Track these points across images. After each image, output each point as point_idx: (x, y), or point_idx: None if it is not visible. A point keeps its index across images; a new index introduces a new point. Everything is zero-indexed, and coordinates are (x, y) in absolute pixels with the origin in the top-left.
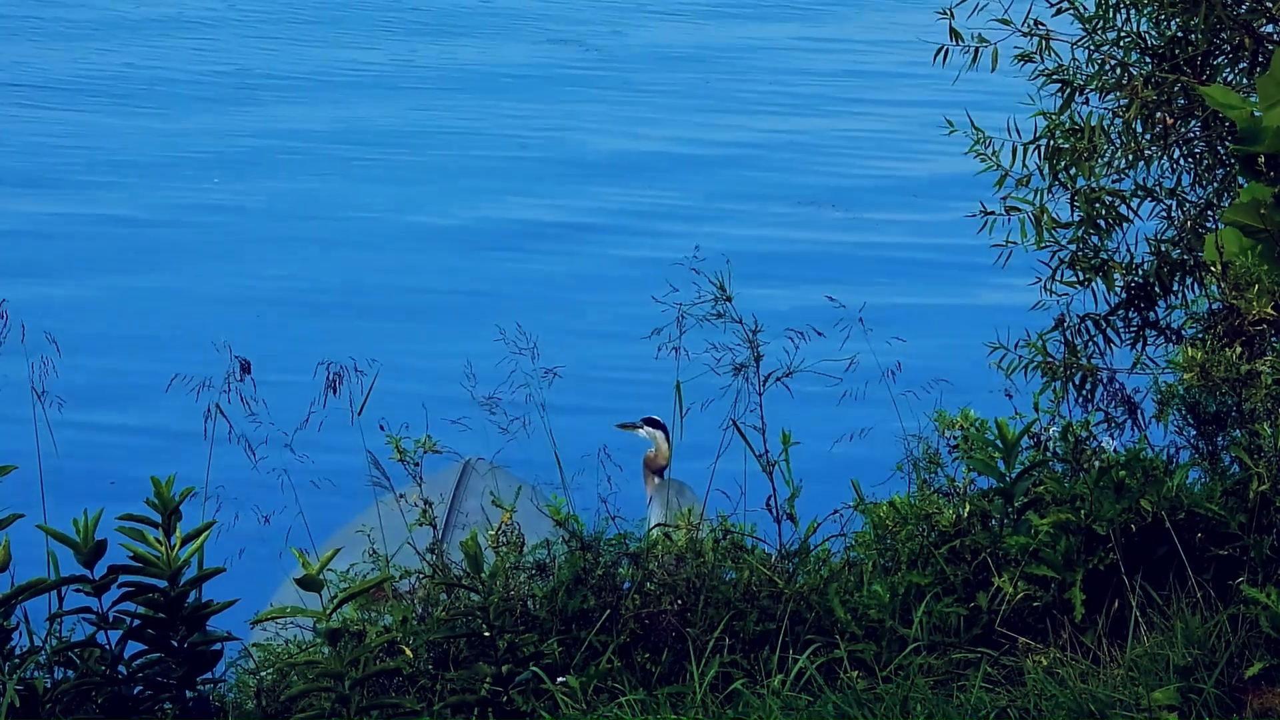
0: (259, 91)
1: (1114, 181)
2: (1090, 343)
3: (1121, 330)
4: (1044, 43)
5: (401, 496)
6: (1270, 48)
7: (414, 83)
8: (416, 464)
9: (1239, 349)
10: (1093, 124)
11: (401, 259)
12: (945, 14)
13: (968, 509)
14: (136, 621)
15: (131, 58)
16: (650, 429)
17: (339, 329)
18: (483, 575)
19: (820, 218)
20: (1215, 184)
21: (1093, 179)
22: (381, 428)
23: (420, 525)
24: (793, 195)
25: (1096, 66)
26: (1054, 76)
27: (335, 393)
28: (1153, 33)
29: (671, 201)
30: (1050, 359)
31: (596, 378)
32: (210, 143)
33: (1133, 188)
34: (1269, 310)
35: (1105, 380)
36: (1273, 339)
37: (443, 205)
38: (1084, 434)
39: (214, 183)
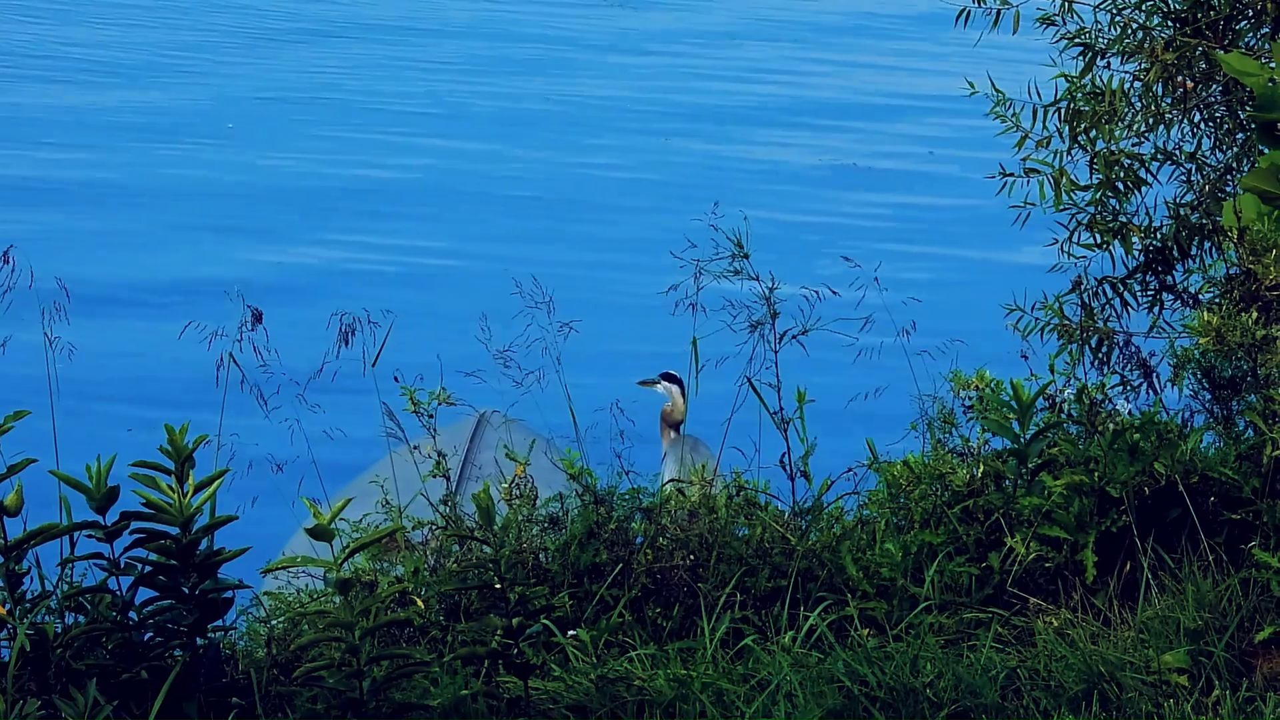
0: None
1: (1134, 145)
2: (1107, 306)
3: (1139, 294)
4: (1066, 5)
5: (415, 448)
6: None
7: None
8: (431, 416)
9: (1255, 314)
10: (1113, 87)
11: (416, 212)
12: None
13: (981, 469)
14: (148, 568)
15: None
16: (667, 383)
17: (354, 280)
18: (495, 528)
19: (839, 177)
20: (1235, 149)
21: (1112, 142)
22: (396, 379)
23: (434, 477)
24: (813, 153)
25: (1118, 30)
26: (1076, 40)
27: (348, 344)
28: None
29: (690, 157)
30: (1067, 321)
31: (612, 332)
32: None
33: (1152, 151)
34: None
35: (1121, 343)
36: None
37: (459, 157)
38: (1099, 396)
39: (228, 127)
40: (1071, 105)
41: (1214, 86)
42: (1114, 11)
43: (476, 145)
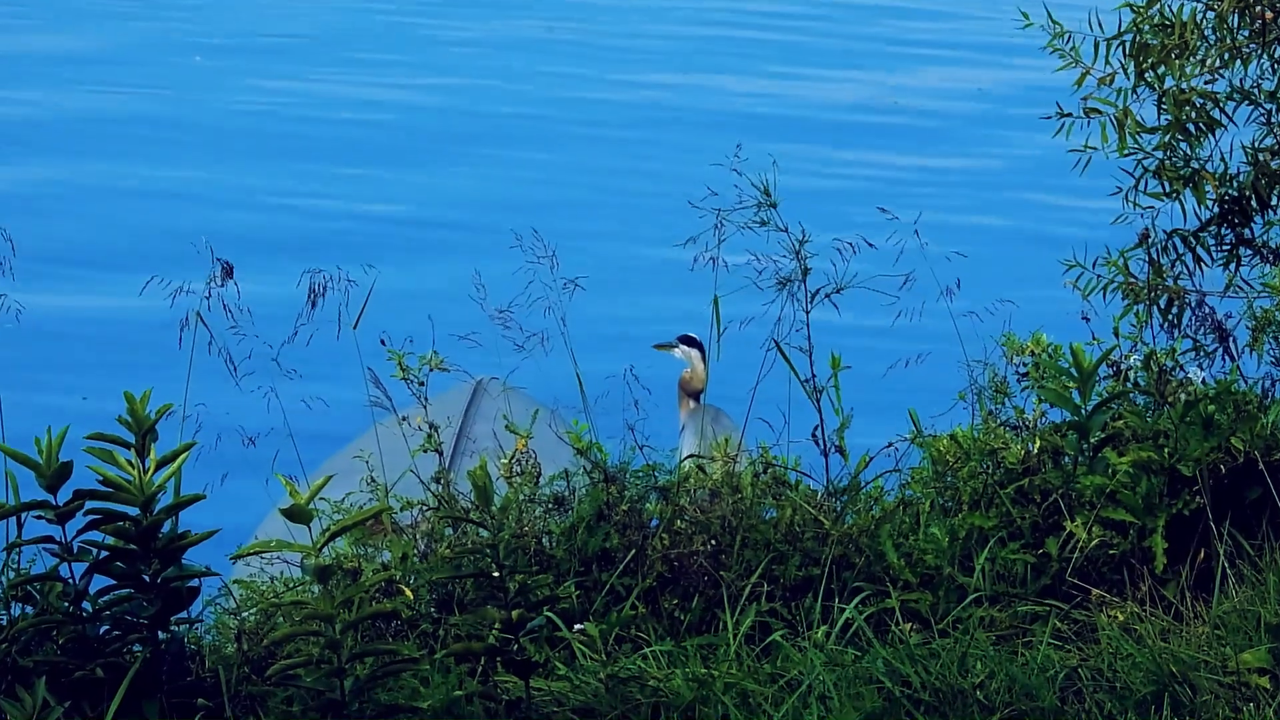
0: None
1: (1206, 83)
2: (1178, 262)
3: (1213, 248)
4: None
5: (404, 419)
6: None
7: None
8: (421, 383)
9: None
10: (1184, 19)
11: (408, 159)
12: None
13: (1038, 445)
14: (104, 553)
15: None
16: (686, 347)
17: (336, 232)
18: (493, 509)
19: (875, 120)
20: None
21: (1183, 79)
22: (383, 342)
23: (424, 451)
24: (846, 92)
25: None
26: None
27: (314, 306)
28: None
29: (708, 94)
30: (1132, 279)
31: (624, 290)
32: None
33: (1228, 90)
34: None
35: (1194, 304)
36: None
37: (451, 97)
38: (1169, 363)
39: (195, 60)
40: (1137, 38)
41: None
42: None
43: (466, 81)
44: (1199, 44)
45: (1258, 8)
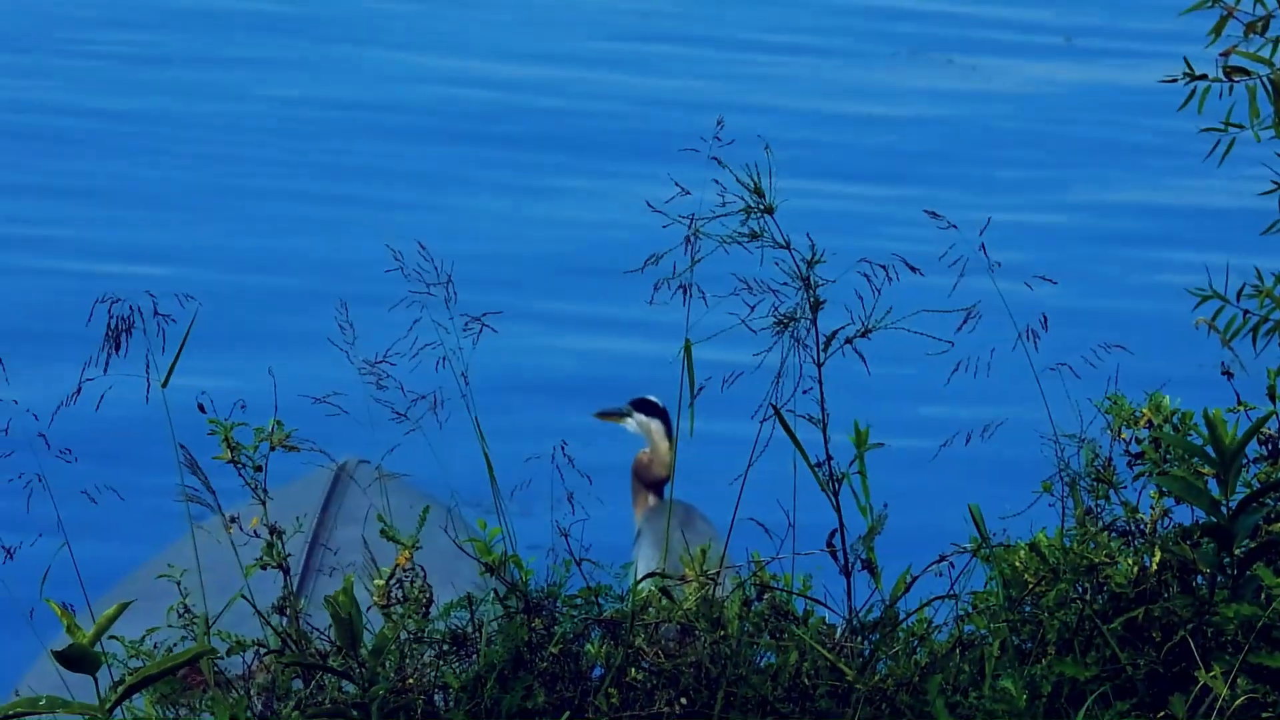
0: None
1: None
2: None
3: None
4: None
5: (233, 520)
6: None
7: None
8: (258, 468)
9: None
10: None
11: (238, 149)
12: None
13: (1157, 558)
14: None
15: None
16: (643, 417)
17: (137, 249)
18: (363, 651)
19: (920, 82)
20: None
21: None
22: (201, 409)
23: (263, 568)
24: (880, 46)
25: None
26: None
27: (119, 349)
28: None
29: (679, 51)
30: None
31: (553, 332)
32: None
33: None
34: None
35: None
36: None
37: (312, 71)
38: None
39: None
40: None
41: None
42: None
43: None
44: None
45: None
